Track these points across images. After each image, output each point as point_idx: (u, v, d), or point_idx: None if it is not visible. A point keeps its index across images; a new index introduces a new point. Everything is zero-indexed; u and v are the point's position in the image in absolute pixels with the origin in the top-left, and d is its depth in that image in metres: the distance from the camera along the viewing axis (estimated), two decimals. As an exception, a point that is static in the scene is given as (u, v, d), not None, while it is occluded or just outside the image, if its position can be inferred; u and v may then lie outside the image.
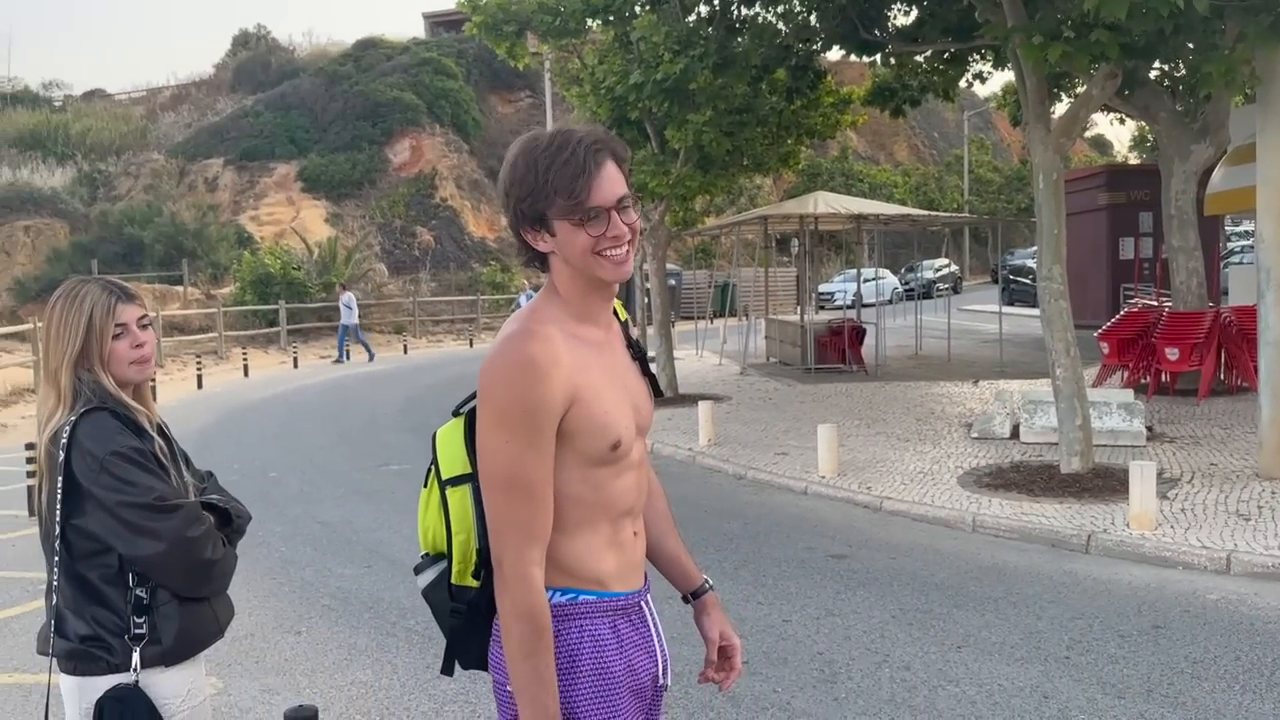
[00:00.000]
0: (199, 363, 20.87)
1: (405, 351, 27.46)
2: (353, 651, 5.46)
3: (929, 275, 37.50)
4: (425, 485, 2.09)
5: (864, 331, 18.50)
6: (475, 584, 2.03)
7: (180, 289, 29.19)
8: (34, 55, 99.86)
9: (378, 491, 9.62)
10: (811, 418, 12.42)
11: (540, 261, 1.98)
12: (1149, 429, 10.35)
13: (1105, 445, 9.79)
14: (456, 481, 2.02)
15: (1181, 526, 7.22)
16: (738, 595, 6.20)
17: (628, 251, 1.93)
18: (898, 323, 24.76)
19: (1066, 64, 8.18)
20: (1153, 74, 13.67)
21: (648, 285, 17.97)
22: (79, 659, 2.39)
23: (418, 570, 2.10)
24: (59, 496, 2.35)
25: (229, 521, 2.60)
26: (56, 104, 45.78)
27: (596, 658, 1.95)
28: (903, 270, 39.88)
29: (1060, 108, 14.63)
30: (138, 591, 2.39)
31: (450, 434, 2.05)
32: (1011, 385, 14.13)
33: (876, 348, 18.11)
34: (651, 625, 2.07)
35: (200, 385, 19.47)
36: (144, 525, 2.33)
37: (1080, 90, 11.43)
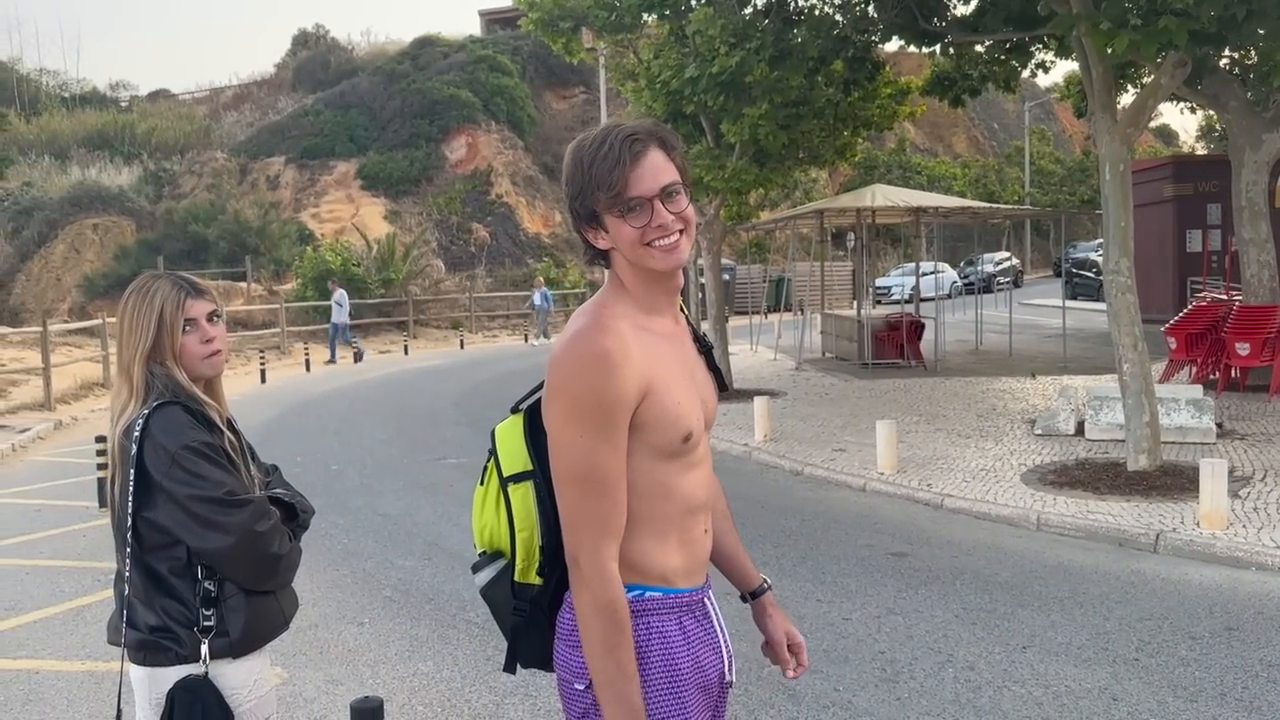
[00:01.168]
0: (262, 357, 21.24)
1: (461, 346, 27.70)
2: (414, 643, 5.52)
3: (989, 269, 37.02)
4: (482, 483, 2.07)
5: (923, 326, 18.28)
6: (539, 582, 2.01)
7: (244, 285, 29.73)
8: (101, 56, 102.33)
9: (436, 484, 9.71)
10: (869, 413, 12.30)
11: (604, 259, 1.97)
12: (1219, 426, 10.10)
13: (1173, 442, 9.58)
14: (518, 478, 2.00)
15: (1254, 526, 7.03)
16: (797, 592, 6.16)
17: (678, 240, 1.89)
18: (957, 317, 24.44)
19: (1134, 53, 7.99)
20: (1223, 62, 13.31)
21: (702, 280, 17.91)
22: (149, 649, 2.43)
23: (476, 569, 2.08)
24: (130, 489, 2.38)
25: (294, 516, 2.62)
26: (123, 104, 46.90)
27: (665, 655, 1.93)
28: (962, 264, 39.38)
29: (1126, 97, 14.33)
30: (206, 584, 2.41)
31: (510, 430, 2.04)
32: (1075, 381, 13.87)
33: (936, 343, 17.88)
34: (715, 621, 2.05)
35: (264, 379, 19.81)
36: (213, 519, 2.35)
37: (1147, 79, 11.16)
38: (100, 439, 9.21)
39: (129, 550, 2.43)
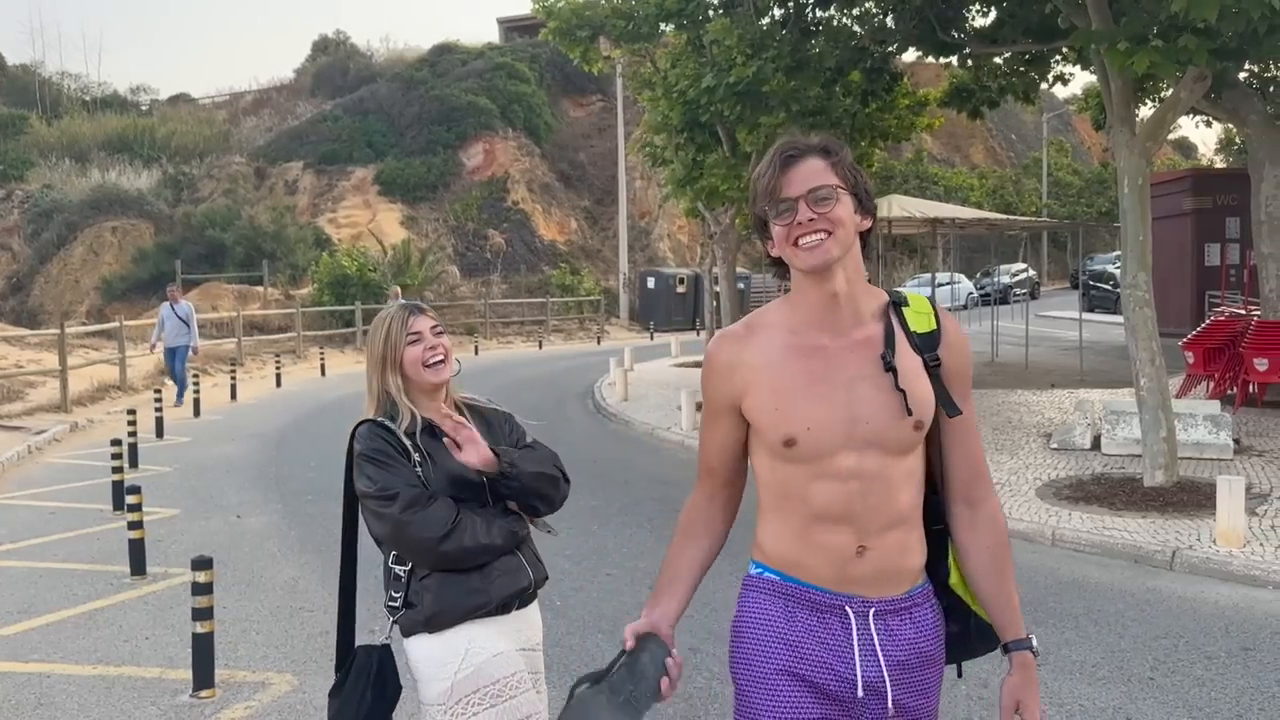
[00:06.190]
0: (278, 361, 21.31)
1: (476, 353, 27.74)
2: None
3: (1006, 280, 36.88)
4: None
5: (938, 337, 18.18)
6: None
7: (260, 289, 29.88)
8: (123, 60, 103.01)
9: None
10: (883, 425, 12.23)
11: (785, 271, 2.11)
12: (1236, 442, 10.01)
13: (1190, 458, 9.50)
14: None
15: (1271, 544, 6.96)
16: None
17: (822, 241, 1.97)
18: (973, 329, 24.31)
19: (1153, 69, 7.95)
20: (1243, 75, 13.25)
21: (717, 289, 17.91)
22: (398, 621, 2.84)
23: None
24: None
25: (490, 493, 2.83)
26: (143, 108, 47.29)
27: (758, 631, 2.06)
28: (978, 275, 39.26)
29: (1145, 110, 14.26)
30: (394, 566, 2.80)
31: None
32: (1092, 394, 13.79)
33: (950, 354, 17.77)
34: (856, 634, 2.02)
35: (279, 384, 19.87)
36: (375, 510, 2.77)
37: (1167, 92, 11.11)
38: (115, 442, 9.26)
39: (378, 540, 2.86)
